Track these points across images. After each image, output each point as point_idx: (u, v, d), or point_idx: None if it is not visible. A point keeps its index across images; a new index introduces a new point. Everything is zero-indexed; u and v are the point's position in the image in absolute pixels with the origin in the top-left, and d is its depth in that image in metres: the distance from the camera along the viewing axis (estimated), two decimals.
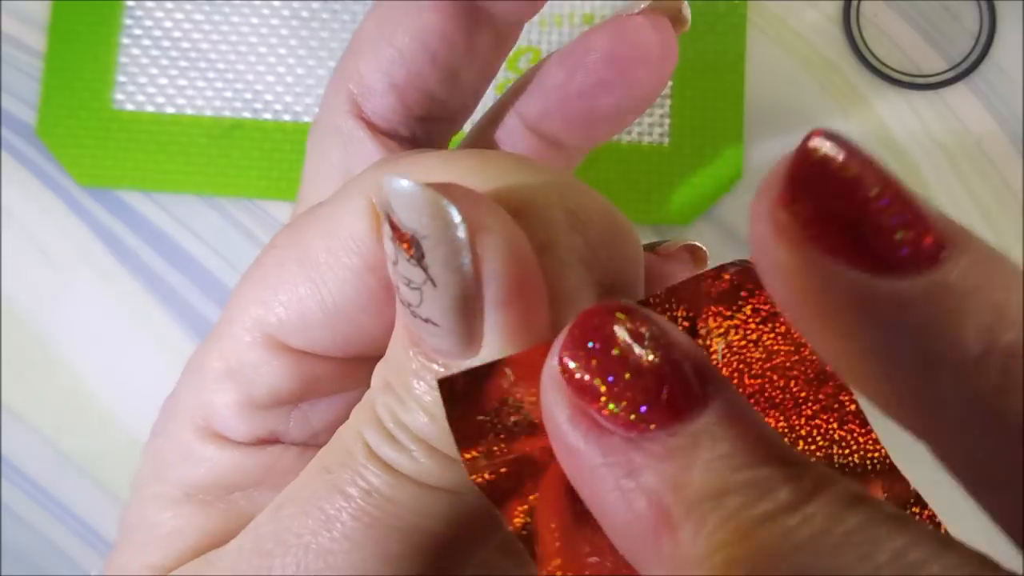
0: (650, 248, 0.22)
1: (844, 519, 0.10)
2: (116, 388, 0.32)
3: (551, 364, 0.12)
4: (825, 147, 0.11)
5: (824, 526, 0.10)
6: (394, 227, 0.13)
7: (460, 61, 0.17)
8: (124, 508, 0.18)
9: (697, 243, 0.22)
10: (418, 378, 0.14)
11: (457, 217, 0.12)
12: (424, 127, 0.18)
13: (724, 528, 0.10)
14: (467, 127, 0.21)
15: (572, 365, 0.11)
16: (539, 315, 0.13)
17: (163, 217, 0.33)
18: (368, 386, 0.15)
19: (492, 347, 0.13)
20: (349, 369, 0.17)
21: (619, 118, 0.19)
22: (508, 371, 0.13)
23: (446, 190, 0.12)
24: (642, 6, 0.17)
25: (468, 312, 0.13)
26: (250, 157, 0.33)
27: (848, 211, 0.11)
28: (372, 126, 0.18)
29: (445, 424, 0.13)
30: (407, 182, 0.12)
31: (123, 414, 0.32)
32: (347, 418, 0.15)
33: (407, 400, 0.14)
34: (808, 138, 0.11)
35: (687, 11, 0.18)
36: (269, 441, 0.17)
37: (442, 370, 0.13)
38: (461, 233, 0.12)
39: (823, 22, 0.34)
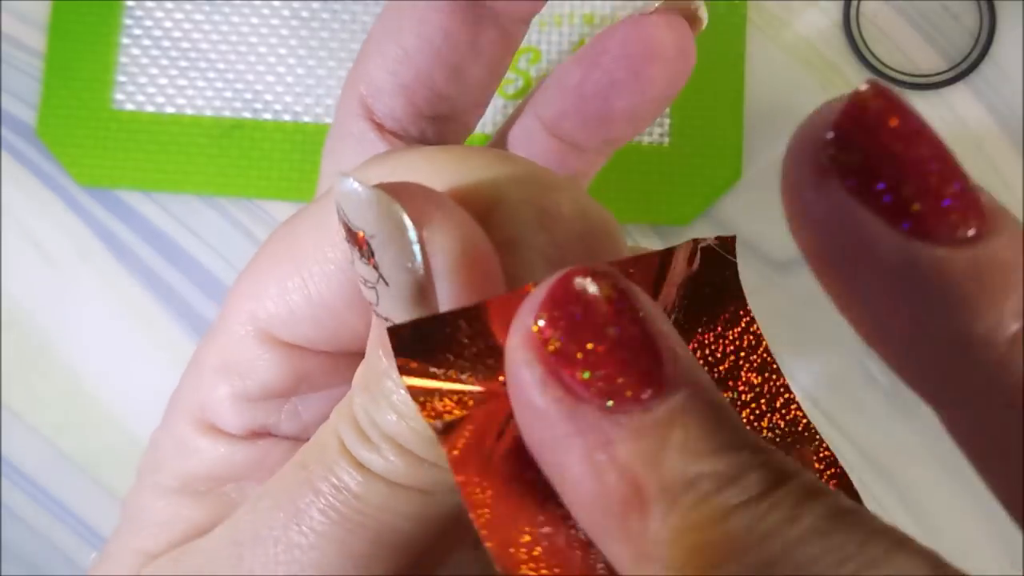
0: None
1: (805, 512, 0.10)
2: (116, 388, 0.32)
3: (523, 323, 0.11)
4: (879, 101, 0.10)
5: (789, 516, 0.10)
6: (347, 227, 0.13)
7: (466, 58, 0.17)
8: (129, 491, 0.18)
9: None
10: (387, 377, 0.13)
11: (405, 216, 0.12)
12: (435, 127, 0.18)
13: (696, 511, 0.10)
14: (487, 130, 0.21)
15: (545, 326, 0.11)
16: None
17: (163, 217, 0.33)
18: None
19: None
20: (339, 365, 0.17)
21: (636, 118, 0.18)
22: (463, 324, 0.12)
23: (396, 189, 0.12)
24: (656, 5, 0.17)
25: (423, 311, 0.13)
26: (250, 157, 0.33)
27: (895, 170, 0.10)
28: (382, 128, 0.18)
29: (415, 423, 0.13)
30: (355, 183, 0.12)
31: (123, 414, 0.32)
32: None
33: (378, 399, 0.14)
34: (861, 89, 0.10)
35: (703, 11, 0.18)
36: (261, 434, 0.17)
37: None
38: (410, 232, 0.12)
39: (823, 22, 0.34)
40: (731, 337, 0.14)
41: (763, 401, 0.15)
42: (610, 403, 0.11)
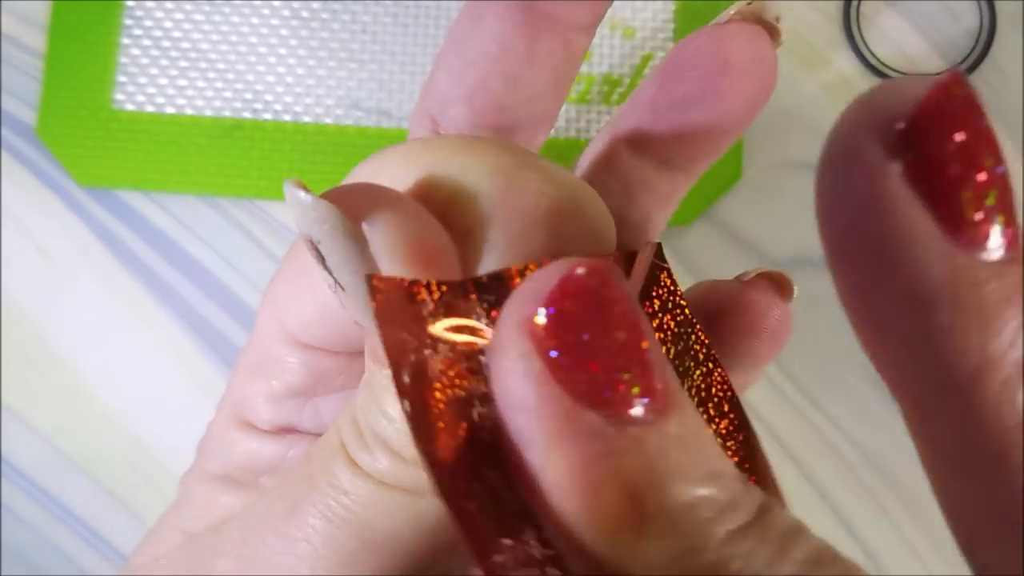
0: (736, 280, 0.21)
1: (793, 548, 0.10)
2: (116, 388, 0.32)
3: (522, 311, 0.11)
4: (961, 96, 0.10)
5: (778, 550, 0.10)
6: (301, 234, 0.13)
7: (523, 67, 0.17)
8: (185, 471, 0.19)
9: (780, 272, 0.21)
10: (377, 382, 0.14)
11: (342, 219, 0.12)
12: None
13: (694, 536, 0.10)
14: None
15: (549, 320, 0.10)
16: None
17: (163, 217, 0.33)
18: None
19: None
20: (354, 365, 0.17)
21: (714, 134, 0.17)
22: (427, 298, 0.12)
23: (334, 193, 0.12)
24: (731, 13, 0.17)
25: None
26: (250, 157, 0.33)
27: (964, 174, 0.10)
28: None
29: (402, 426, 0.13)
30: (296, 190, 0.12)
31: (123, 414, 0.32)
32: None
33: (371, 402, 0.14)
34: (943, 80, 0.10)
35: (780, 20, 0.17)
36: (288, 430, 0.18)
37: (388, 372, 0.13)
38: (350, 236, 0.12)
39: (823, 22, 0.34)
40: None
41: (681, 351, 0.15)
42: (608, 413, 0.10)
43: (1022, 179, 0.33)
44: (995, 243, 0.10)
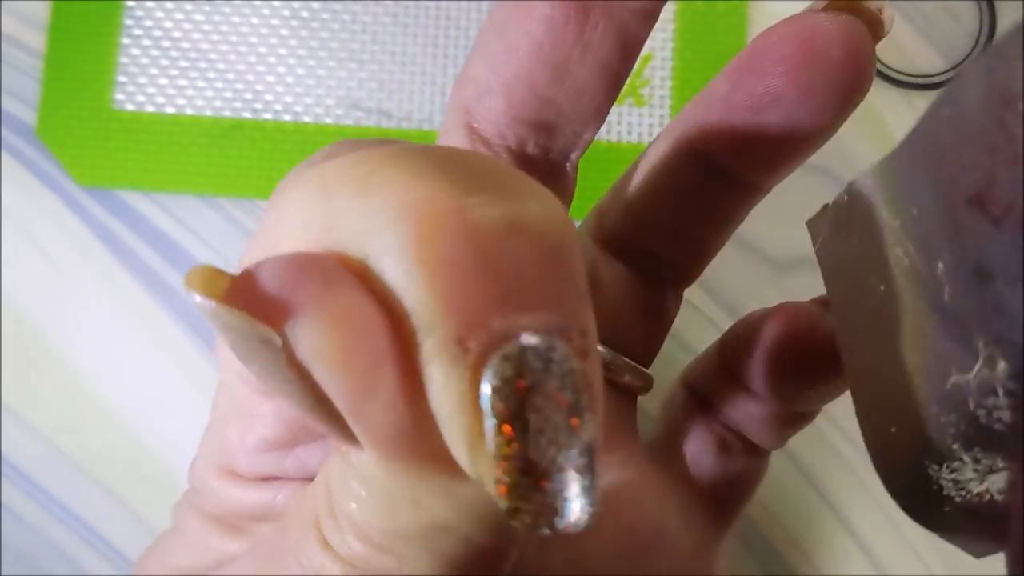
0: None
1: None
2: (116, 388, 0.32)
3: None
4: None
5: None
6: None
7: (571, 56, 0.15)
8: (180, 498, 0.18)
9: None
10: (344, 461, 0.12)
11: (255, 327, 0.10)
12: (538, 137, 0.16)
13: None
14: None
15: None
16: (396, 406, 0.11)
17: (163, 217, 0.33)
18: None
19: (369, 447, 0.11)
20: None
21: (795, 138, 0.15)
22: None
23: (243, 287, 0.10)
24: (824, 3, 0.15)
25: (322, 413, 0.11)
26: (250, 157, 0.33)
27: None
28: (477, 135, 0.16)
29: (369, 517, 0.12)
30: (194, 294, 0.10)
31: (122, 413, 0.32)
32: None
33: (341, 481, 0.13)
34: None
35: (888, 14, 0.15)
36: (272, 478, 0.16)
37: (350, 461, 0.12)
38: (265, 343, 0.10)
39: None
40: None
41: None
42: None
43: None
44: None
